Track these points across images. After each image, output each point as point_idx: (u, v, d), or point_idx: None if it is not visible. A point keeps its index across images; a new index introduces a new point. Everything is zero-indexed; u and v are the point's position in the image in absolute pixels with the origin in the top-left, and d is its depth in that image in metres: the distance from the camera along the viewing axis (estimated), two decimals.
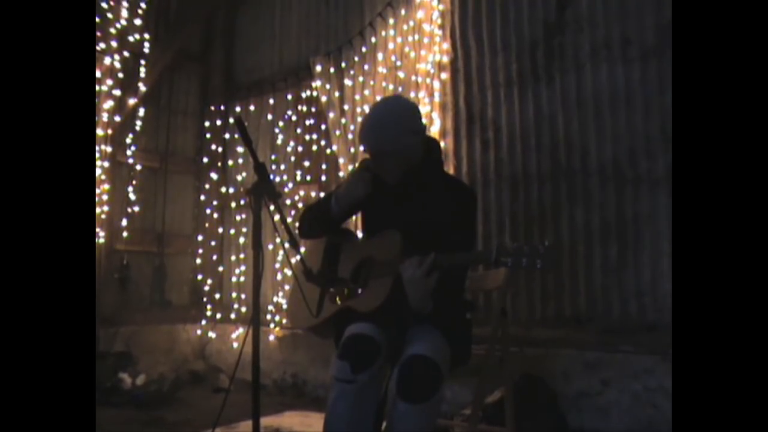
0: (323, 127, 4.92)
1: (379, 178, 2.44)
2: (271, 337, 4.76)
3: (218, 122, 5.43)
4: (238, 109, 5.43)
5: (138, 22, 4.78)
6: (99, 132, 4.54)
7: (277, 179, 5.02)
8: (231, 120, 5.38)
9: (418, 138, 2.41)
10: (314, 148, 4.99)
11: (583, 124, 3.91)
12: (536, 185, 4.04)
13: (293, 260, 2.34)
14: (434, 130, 4.29)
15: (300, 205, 4.94)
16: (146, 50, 4.89)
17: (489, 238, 4.16)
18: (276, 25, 5.51)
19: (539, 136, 4.05)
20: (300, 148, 5.06)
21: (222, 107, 5.48)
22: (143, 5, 4.79)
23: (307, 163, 5.04)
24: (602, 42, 3.87)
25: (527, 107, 4.12)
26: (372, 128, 2.36)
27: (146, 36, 4.87)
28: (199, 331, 5.19)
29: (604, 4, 3.87)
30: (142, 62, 4.83)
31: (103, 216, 4.54)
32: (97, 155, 4.53)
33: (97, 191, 4.52)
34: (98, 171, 4.52)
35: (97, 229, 4.51)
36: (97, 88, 4.55)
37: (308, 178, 5.01)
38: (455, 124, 4.36)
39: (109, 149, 4.58)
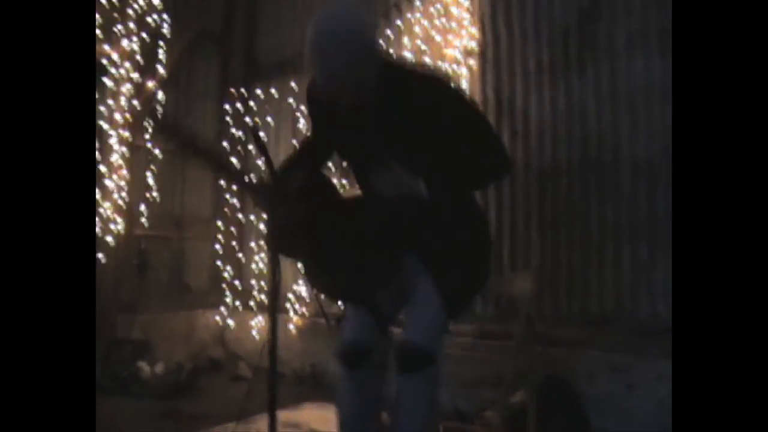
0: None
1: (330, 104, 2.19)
2: (291, 326, 4.88)
3: (239, 106, 5.50)
4: (259, 91, 5.48)
5: (157, 1, 4.84)
6: (117, 117, 4.65)
7: None
8: (251, 103, 5.45)
9: (373, 49, 2.14)
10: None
11: (615, 116, 3.92)
12: (566, 179, 4.07)
13: None
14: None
15: None
16: (165, 31, 4.95)
17: (515, 230, 4.22)
18: (298, 3, 5.53)
19: (570, 128, 4.07)
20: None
21: (243, 90, 5.54)
22: None
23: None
24: (638, 31, 3.86)
25: (558, 97, 4.12)
26: (324, 59, 2.04)
27: (165, 17, 4.93)
28: (218, 318, 5.33)
29: None
30: (161, 44, 4.90)
31: (120, 202, 4.66)
32: (115, 141, 4.64)
33: (115, 177, 4.64)
34: (116, 157, 4.64)
35: (115, 216, 4.64)
36: (115, 72, 4.63)
37: (330, 164, 5.06)
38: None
39: (127, 134, 4.68)
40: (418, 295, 2.25)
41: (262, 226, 5.28)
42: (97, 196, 4.62)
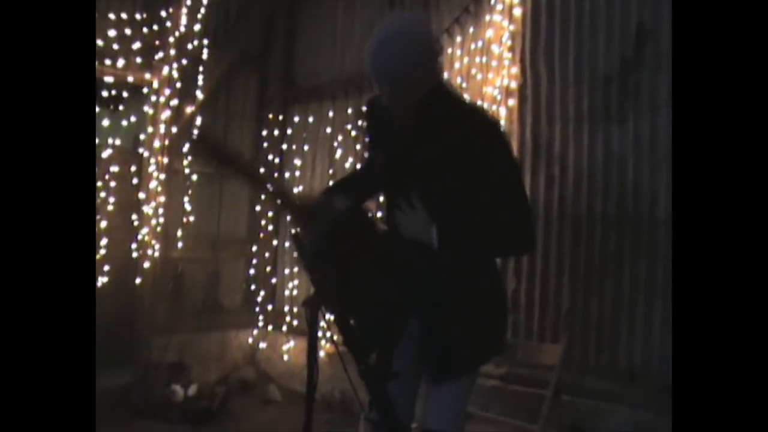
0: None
1: (384, 120, 2.31)
2: (321, 353, 5.01)
3: (275, 132, 5.57)
4: (296, 118, 5.55)
5: (197, 27, 4.90)
6: (156, 144, 4.77)
7: None
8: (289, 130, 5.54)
9: (434, 60, 2.19)
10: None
11: (654, 170, 3.89)
12: (600, 230, 4.07)
13: None
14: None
15: None
16: (205, 56, 5.03)
17: (547, 279, 4.25)
18: (338, 29, 5.55)
19: (607, 179, 4.04)
20: (359, 166, 5.16)
21: (280, 115, 5.61)
22: (203, 10, 4.90)
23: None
24: None
25: (596, 146, 4.09)
26: (382, 52, 2.11)
27: (205, 42, 5.00)
28: (250, 339, 5.51)
29: None
30: (201, 69, 4.98)
31: (158, 228, 4.81)
32: (154, 167, 4.77)
33: (153, 203, 4.78)
34: (154, 183, 4.77)
35: (153, 241, 4.80)
36: (155, 98, 4.75)
37: None
38: (520, 156, 4.35)
39: (165, 160, 4.80)
40: (440, 394, 2.29)
41: (296, 254, 5.40)
42: (135, 221, 4.78)
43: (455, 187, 2.13)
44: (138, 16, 4.67)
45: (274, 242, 5.68)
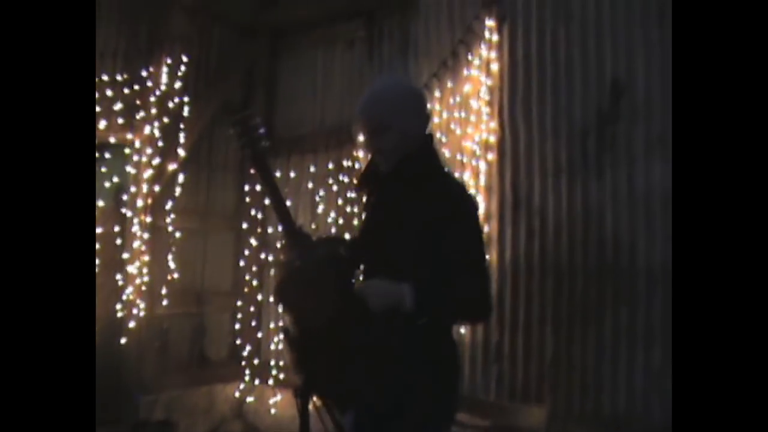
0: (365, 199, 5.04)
1: (373, 176, 2.43)
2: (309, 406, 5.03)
3: (257, 186, 5.61)
4: (278, 173, 5.61)
5: (178, 84, 4.96)
6: (139, 203, 4.81)
7: None
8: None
9: (422, 121, 2.38)
10: (355, 222, 5.17)
11: (632, 221, 3.99)
12: (581, 280, 4.16)
13: None
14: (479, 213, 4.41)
15: None
16: (186, 112, 5.09)
17: (529, 328, 4.32)
18: (318, 80, 5.67)
19: (586, 230, 4.13)
20: (341, 220, 5.24)
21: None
22: (183, 68, 4.97)
23: (348, 236, 5.16)
24: (657, 137, 3.92)
25: (575, 198, 4.18)
26: (374, 99, 2.33)
27: (186, 99, 5.06)
28: (237, 393, 5.53)
29: (662, 95, 3.90)
30: (182, 125, 5.03)
31: (143, 287, 4.83)
32: (137, 226, 4.80)
33: (137, 262, 4.81)
34: (138, 242, 4.80)
35: (138, 300, 4.82)
36: (137, 158, 4.79)
37: None
38: (500, 209, 4.45)
39: (149, 219, 4.84)
40: None
41: (281, 308, 5.44)
42: (120, 281, 4.80)
43: (418, 241, 2.20)
44: (119, 77, 4.73)
45: (259, 296, 5.71)
